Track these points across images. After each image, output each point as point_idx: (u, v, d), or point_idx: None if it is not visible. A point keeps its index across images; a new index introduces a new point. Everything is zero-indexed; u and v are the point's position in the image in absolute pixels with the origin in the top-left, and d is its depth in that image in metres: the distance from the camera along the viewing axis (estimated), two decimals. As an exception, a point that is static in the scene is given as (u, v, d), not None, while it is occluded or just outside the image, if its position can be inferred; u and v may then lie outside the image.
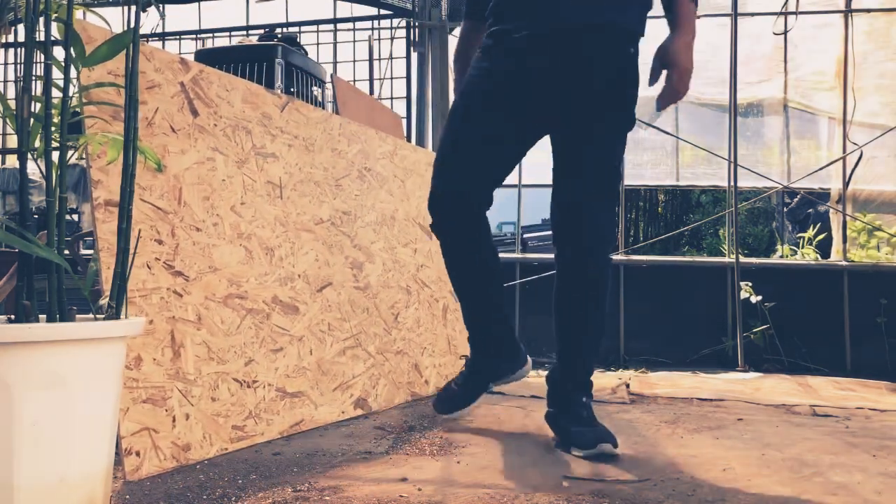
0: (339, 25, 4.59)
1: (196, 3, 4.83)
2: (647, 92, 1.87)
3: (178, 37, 4.87)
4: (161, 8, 4.59)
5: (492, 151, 1.91)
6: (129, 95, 1.21)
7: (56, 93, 1.16)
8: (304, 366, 2.04)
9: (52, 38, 1.16)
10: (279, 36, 3.21)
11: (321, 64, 3.24)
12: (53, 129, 1.15)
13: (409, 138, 4.26)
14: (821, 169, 3.92)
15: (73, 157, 1.22)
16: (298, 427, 1.95)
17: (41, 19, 1.14)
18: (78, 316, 1.16)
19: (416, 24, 4.33)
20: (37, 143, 1.17)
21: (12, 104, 1.17)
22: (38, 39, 1.14)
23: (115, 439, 1.14)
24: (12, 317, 1.12)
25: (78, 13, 1.28)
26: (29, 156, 1.15)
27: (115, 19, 4.12)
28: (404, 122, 4.14)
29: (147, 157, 1.33)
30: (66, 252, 1.17)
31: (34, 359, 0.99)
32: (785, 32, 3.94)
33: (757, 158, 4.10)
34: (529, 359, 2.16)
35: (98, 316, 1.18)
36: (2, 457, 0.96)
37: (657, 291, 4.04)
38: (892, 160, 3.89)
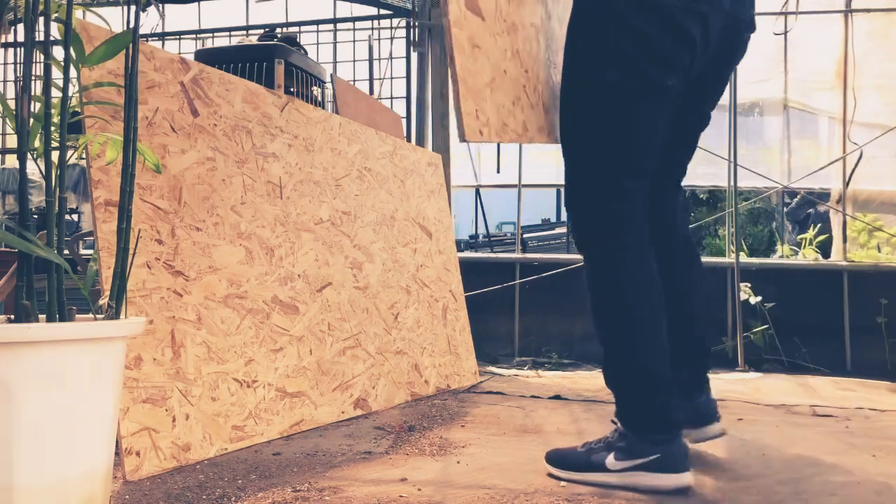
0: (339, 25, 4.59)
1: (196, 3, 4.82)
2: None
3: (178, 37, 4.86)
4: (161, 8, 4.60)
5: None
6: (129, 95, 1.21)
7: (56, 92, 1.16)
8: (304, 366, 2.04)
9: (52, 38, 1.16)
10: (279, 36, 3.20)
11: (321, 64, 3.24)
12: (53, 129, 1.15)
13: (409, 138, 4.26)
14: (821, 169, 3.91)
15: (73, 157, 1.22)
16: (298, 427, 1.95)
17: (41, 19, 1.14)
18: (78, 316, 1.16)
19: (416, 24, 4.32)
20: (37, 143, 1.17)
21: (12, 104, 1.16)
22: (38, 39, 1.14)
23: (114, 439, 1.14)
24: (12, 317, 1.12)
25: (78, 13, 1.28)
26: (29, 156, 1.15)
27: (115, 19, 4.12)
28: (404, 122, 4.14)
29: (146, 159, 1.33)
30: (66, 252, 1.17)
31: (34, 359, 0.99)
32: (785, 32, 3.94)
33: (757, 158, 4.10)
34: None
35: (98, 316, 1.18)
36: (1, 457, 0.96)
37: (657, 291, 4.03)
38: (893, 160, 3.88)
